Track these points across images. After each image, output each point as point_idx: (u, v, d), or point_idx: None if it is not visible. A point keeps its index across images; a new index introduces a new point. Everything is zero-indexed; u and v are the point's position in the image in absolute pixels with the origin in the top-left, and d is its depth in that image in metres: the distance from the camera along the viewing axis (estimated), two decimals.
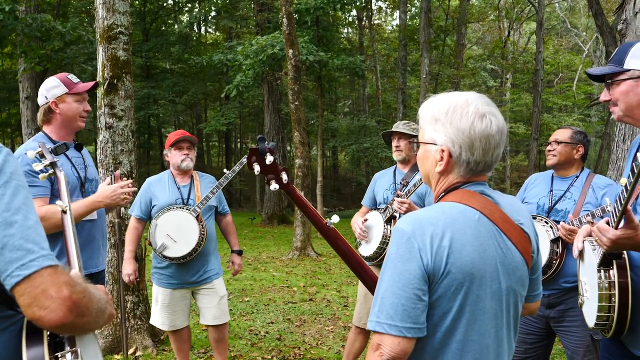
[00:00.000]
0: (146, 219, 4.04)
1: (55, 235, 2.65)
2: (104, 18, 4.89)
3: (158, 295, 4.01)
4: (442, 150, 1.55)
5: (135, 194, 3.50)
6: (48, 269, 1.19)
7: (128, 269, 3.95)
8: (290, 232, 14.45)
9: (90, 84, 3.10)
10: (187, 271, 3.93)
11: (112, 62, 4.88)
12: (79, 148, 3.18)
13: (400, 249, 1.46)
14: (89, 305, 1.26)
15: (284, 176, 2.09)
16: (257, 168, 2.06)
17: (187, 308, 4.09)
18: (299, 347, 5.29)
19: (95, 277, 3.13)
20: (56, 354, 1.32)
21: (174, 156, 4.02)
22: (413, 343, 1.43)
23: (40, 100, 3.01)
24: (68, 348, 1.33)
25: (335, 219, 2.13)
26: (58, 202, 1.92)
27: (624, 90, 2.09)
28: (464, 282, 1.44)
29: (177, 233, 3.82)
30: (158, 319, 4.04)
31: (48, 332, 1.32)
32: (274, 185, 2.07)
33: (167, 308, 4.00)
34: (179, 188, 4.02)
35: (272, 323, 6.18)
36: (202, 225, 3.87)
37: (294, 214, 13.97)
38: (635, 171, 1.69)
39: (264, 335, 5.67)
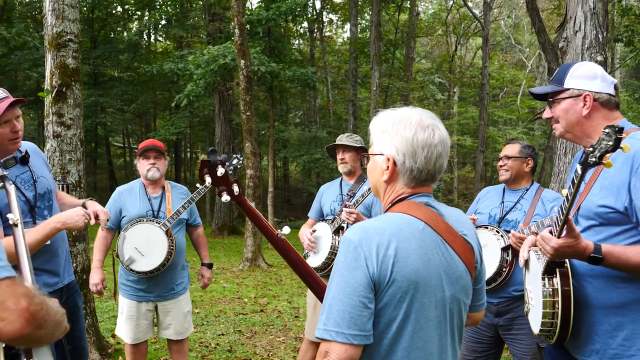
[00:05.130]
0: (115, 229, 3.95)
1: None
2: (53, 25, 4.79)
3: (124, 307, 3.93)
4: (388, 159, 1.63)
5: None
6: (6, 281, 1.17)
7: (95, 278, 3.84)
8: (240, 243, 14.33)
9: (8, 101, 2.49)
10: (155, 284, 3.88)
11: (61, 70, 4.78)
12: (24, 161, 2.74)
13: (347, 257, 1.50)
14: (46, 317, 1.25)
15: (235, 188, 2.12)
16: (208, 180, 2.08)
17: (150, 322, 4.02)
18: (250, 359, 5.26)
19: (70, 287, 3.02)
20: None
21: (141, 166, 3.94)
22: (360, 350, 1.47)
23: None
24: None
25: (286, 230, 2.17)
26: (9, 215, 1.86)
27: (564, 108, 2.21)
28: (408, 290, 1.48)
29: (145, 247, 3.75)
30: (123, 330, 3.96)
31: (3, 344, 1.30)
32: (225, 197, 2.10)
33: (131, 320, 3.92)
34: (149, 199, 3.93)
35: (223, 335, 6.12)
36: (171, 239, 3.81)
37: (244, 225, 13.87)
38: (575, 182, 1.80)
39: (215, 347, 5.62)
